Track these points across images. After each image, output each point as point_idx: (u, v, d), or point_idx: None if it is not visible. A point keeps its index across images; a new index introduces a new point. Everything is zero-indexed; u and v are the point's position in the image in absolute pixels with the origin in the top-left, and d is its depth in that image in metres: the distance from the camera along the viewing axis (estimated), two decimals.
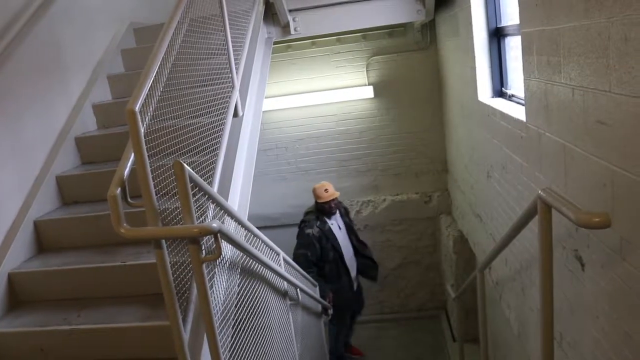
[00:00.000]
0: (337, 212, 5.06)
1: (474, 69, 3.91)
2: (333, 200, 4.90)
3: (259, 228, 2.76)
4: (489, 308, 3.79)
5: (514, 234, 2.53)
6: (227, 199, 2.57)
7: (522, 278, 3.04)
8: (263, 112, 4.18)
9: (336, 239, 4.92)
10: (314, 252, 4.75)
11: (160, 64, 2.09)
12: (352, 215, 5.88)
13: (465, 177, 5.00)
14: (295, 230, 5.01)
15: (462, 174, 5.19)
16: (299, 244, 4.82)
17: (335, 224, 5.00)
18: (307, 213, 5.05)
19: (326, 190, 4.90)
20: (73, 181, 3.13)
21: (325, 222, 4.91)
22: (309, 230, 4.79)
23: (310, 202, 5.27)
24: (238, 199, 2.81)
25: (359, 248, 5.13)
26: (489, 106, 3.59)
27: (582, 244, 2.07)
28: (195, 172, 1.86)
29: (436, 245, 6.43)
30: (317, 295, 4.48)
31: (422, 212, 6.30)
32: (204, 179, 2.20)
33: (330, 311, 4.79)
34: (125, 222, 1.76)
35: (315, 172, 6.42)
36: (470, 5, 3.81)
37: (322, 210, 4.93)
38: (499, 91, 3.82)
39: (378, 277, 5.30)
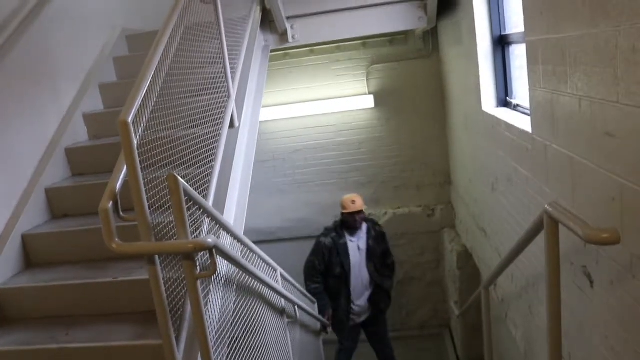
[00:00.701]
0: (365, 231, 4.88)
1: (477, 77, 3.92)
2: (359, 213, 4.75)
3: (255, 243, 2.75)
4: (494, 326, 3.77)
5: (520, 249, 2.53)
6: (222, 213, 2.57)
7: (529, 295, 3.03)
8: (260, 122, 4.21)
9: (347, 257, 4.78)
10: (321, 261, 4.75)
11: (154, 73, 2.10)
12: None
13: (469, 190, 5.00)
14: (293, 244, 5.04)
15: (466, 186, 5.19)
16: (311, 250, 4.88)
17: (355, 243, 4.84)
18: (333, 223, 5.00)
19: (353, 201, 4.77)
20: (63, 193, 3.12)
21: (343, 237, 4.81)
22: (322, 239, 4.82)
23: (310, 216, 5.28)
24: (234, 212, 2.81)
25: (376, 278, 4.88)
26: (493, 116, 3.60)
27: (591, 260, 2.07)
28: (190, 185, 1.87)
29: (439, 261, 6.41)
30: (315, 312, 4.46)
31: (425, 226, 6.29)
32: (198, 192, 2.23)
33: (329, 329, 4.77)
34: (117, 237, 1.76)
35: (314, 184, 6.42)
36: (473, 13, 3.83)
37: (346, 223, 4.82)
38: (504, 101, 3.83)
39: (387, 310, 5.17)
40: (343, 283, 4.80)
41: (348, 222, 4.79)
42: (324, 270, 4.78)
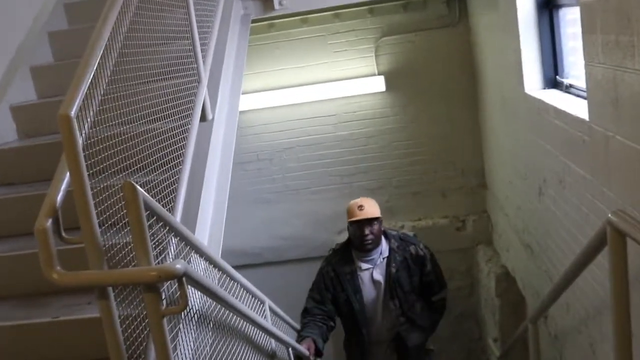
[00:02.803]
0: (386, 252, 4.23)
1: (518, 51, 3.92)
2: (369, 224, 4.09)
3: (236, 268, 2.76)
4: None
5: (578, 270, 2.55)
6: (194, 231, 2.58)
7: (590, 330, 3.03)
8: (240, 112, 4.19)
9: (357, 292, 4.19)
10: (322, 296, 4.22)
11: (103, 52, 2.09)
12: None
13: (509, 195, 4.99)
14: (284, 268, 4.94)
15: (505, 190, 5.18)
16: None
17: (368, 273, 4.22)
18: (340, 244, 4.50)
19: (360, 207, 4.12)
20: None
21: (350, 263, 4.22)
22: (323, 264, 4.34)
23: (305, 232, 5.21)
24: (208, 230, 2.83)
25: (400, 327, 4.26)
26: (539, 100, 3.61)
27: None
28: (152, 196, 1.90)
29: (473, 287, 6.39)
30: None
31: (453, 243, 6.26)
32: (163, 205, 2.27)
33: None
34: (59, 264, 1.75)
35: (309, 191, 6.39)
36: None
37: (352, 239, 4.25)
38: (552, 80, 3.84)
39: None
40: (355, 326, 4.29)
41: (355, 239, 4.19)
42: (331, 311, 4.24)
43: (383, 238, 4.28)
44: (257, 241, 6.49)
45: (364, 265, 4.24)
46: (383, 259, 4.25)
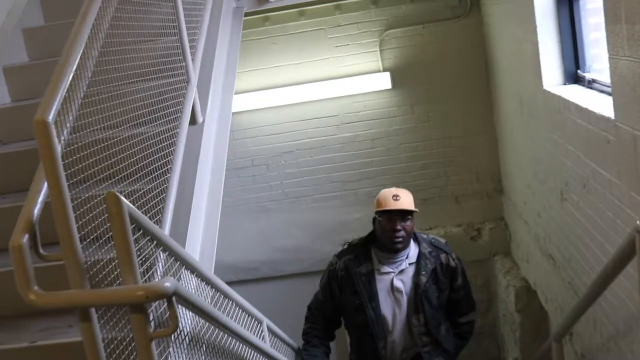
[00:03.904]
0: (415, 257, 3.90)
1: (535, 44, 3.93)
2: (403, 217, 3.75)
3: (231, 284, 2.83)
4: None
5: (605, 283, 2.54)
6: (184, 245, 2.57)
7: (620, 347, 3.02)
8: (233, 114, 4.19)
9: (374, 298, 3.83)
10: (328, 300, 4.00)
11: (83, 51, 2.09)
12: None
13: (528, 201, 5.00)
14: (284, 284, 4.87)
15: (523, 195, 5.18)
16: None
17: (388, 278, 3.87)
18: (359, 238, 4.15)
19: (396, 196, 3.77)
20: None
21: (368, 262, 3.88)
22: (334, 259, 4.02)
23: (307, 243, 5.15)
24: (200, 243, 2.82)
25: (437, 334, 3.90)
26: (559, 97, 3.62)
27: None
28: (138, 207, 1.89)
29: (490, 301, 6.38)
30: None
31: (468, 253, 6.09)
32: (150, 216, 2.26)
33: None
34: (36, 283, 1.75)
35: (310, 198, 6.39)
36: None
37: (378, 236, 3.89)
38: (574, 75, 3.85)
39: None
40: (366, 343, 3.91)
41: (382, 234, 3.80)
42: (336, 317, 4.07)
43: (412, 240, 3.92)
44: (253, 255, 6.47)
45: (385, 268, 3.85)
46: (409, 264, 3.87)
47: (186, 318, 2.19)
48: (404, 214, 3.74)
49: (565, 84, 3.86)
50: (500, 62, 5.46)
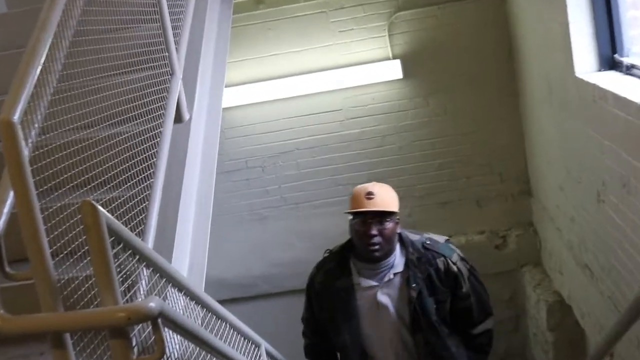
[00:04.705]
0: (401, 265, 3.66)
1: (565, 25, 3.92)
2: (374, 219, 3.51)
3: (224, 302, 2.93)
4: None
5: None
6: (170, 259, 2.61)
7: None
8: (223, 110, 4.24)
9: (353, 317, 3.65)
10: (310, 315, 3.90)
11: (53, 41, 2.11)
12: None
13: (561, 204, 5.00)
14: (283, 302, 4.86)
15: (555, 198, 5.19)
16: None
17: (371, 293, 3.65)
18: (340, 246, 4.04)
19: (370, 194, 3.54)
20: None
21: (347, 274, 3.67)
22: (313, 271, 3.90)
23: (308, 255, 5.06)
24: (189, 257, 2.86)
25: (444, 355, 3.67)
26: (593, 85, 3.60)
27: None
28: (117, 217, 1.96)
29: (519, 319, 6.41)
30: None
31: (493, 263, 6.22)
32: (131, 228, 2.30)
33: None
34: (2, 306, 1.77)
35: (311, 204, 6.43)
36: None
37: (354, 241, 3.69)
38: (610, 60, 3.84)
39: None
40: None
41: (357, 240, 3.61)
42: (326, 333, 3.91)
43: (398, 245, 3.68)
44: (248, 269, 6.52)
45: (366, 282, 3.64)
46: (394, 274, 3.64)
47: (174, 342, 2.26)
48: (381, 215, 3.51)
49: (600, 70, 3.86)
50: (526, 47, 5.48)
